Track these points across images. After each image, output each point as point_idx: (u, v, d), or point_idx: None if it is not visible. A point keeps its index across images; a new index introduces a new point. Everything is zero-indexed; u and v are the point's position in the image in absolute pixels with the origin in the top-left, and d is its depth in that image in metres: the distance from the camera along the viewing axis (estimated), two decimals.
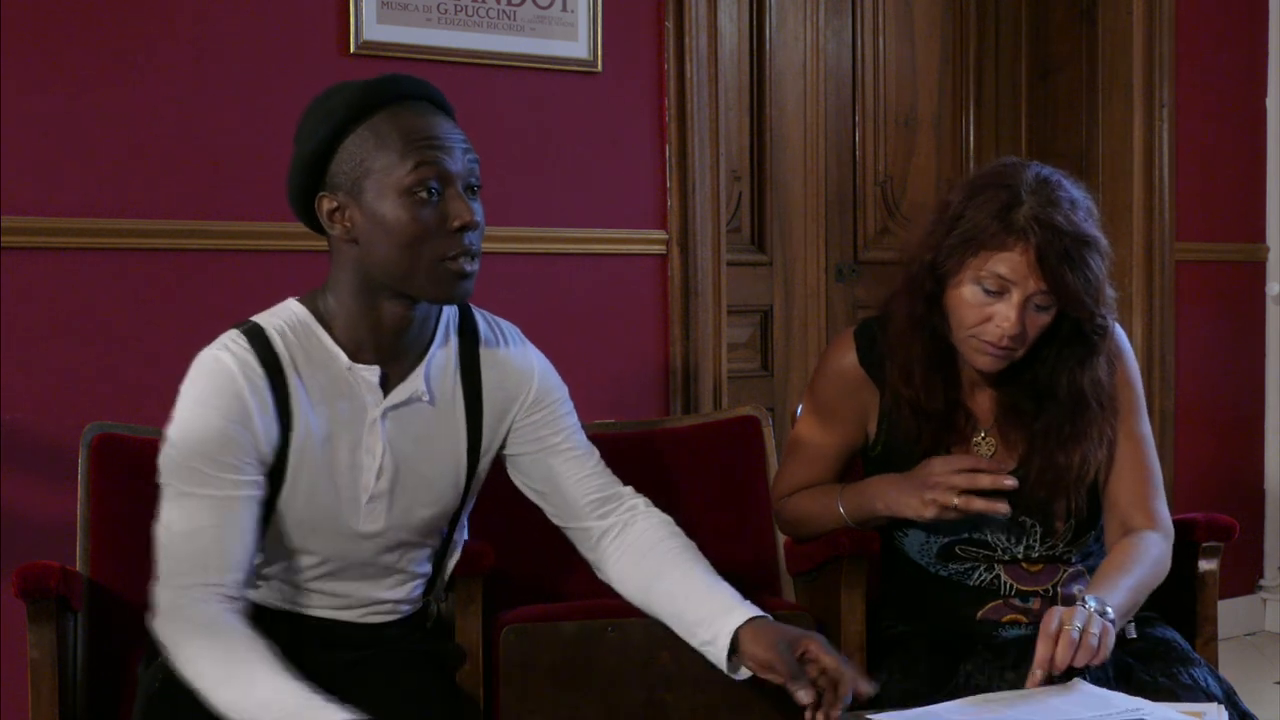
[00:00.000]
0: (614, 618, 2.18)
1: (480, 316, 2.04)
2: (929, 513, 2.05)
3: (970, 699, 1.85)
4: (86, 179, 2.75)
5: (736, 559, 2.53)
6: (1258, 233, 4.37)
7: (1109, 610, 1.89)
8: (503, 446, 2.05)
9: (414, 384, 1.93)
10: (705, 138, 3.35)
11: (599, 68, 3.24)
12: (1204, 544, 2.27)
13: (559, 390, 2.06)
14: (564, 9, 3.18)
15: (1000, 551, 2.13)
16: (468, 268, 1.85)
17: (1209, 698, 1.96)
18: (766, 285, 3.88)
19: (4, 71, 2.68)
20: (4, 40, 2.67)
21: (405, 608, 2.04)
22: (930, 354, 2.09)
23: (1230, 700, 2.00)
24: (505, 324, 2.06)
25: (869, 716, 1.79)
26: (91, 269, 2.76)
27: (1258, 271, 4.37)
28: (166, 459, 1.83)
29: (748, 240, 3.86)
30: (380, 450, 1.91)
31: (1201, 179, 4.19)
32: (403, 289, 1.87)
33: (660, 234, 3.33)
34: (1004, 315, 2.00)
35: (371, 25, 2.97)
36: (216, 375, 1.82)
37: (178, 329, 2.80)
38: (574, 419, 2.08)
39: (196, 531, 1.79)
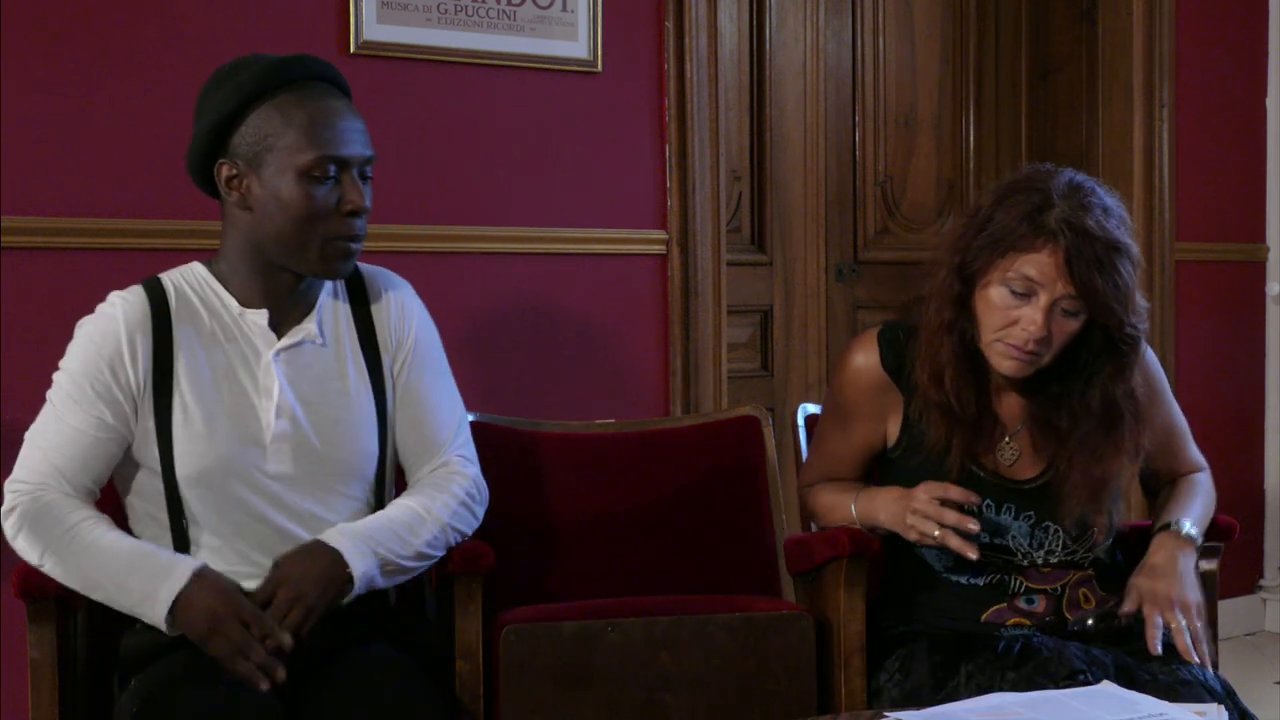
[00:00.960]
0: (614, 618, 2.18)
1: (363, 267, 2.14)
2: (911, 536, 2.08)
3: (989, 697, 1.85)
4: (86, 179, 2.75)
5: (736, 559, 2.53)
6: (1258, 233, 4.37)
7: (1194, 531, 2.14)
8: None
9: (306, 328, 2.04)
10: (705, 138, 3.35)
11: (599, 68, 3.23)
12: (1204, 544, 2.28)
13: (434, 339, 2.16)
14: (564, 9, 3.18)
15: (1020, 557, 2.14)
16: (354, 247, 2.00)
17: (1210, 695, 1.96)
18: (766, 285, 3.88)
19: (4, 71, 2.68)
20: (4, 40, 2.67)
21: None
22: (960, 357, 2.09)
23: (1230, 699, 2.00)
24: (387, 272, 2.17)
25: (887, 714, 1.79)
26: (91, 269, 2.76)
27: (1258, 271, 4.37)
28: (55, 378, 2.01)
29: (748, 240, 3.86)
30: (276, 390, 1.99)
31: (1201, 179, 4.19)
32: (288, 263, 2.00)
33: (660, 234, 3.33)
34: (1030, 318, 2.00)
35: (371, 25, 2.97)
36: (101, 318, 2.01)
37: None
38: (442, 370, 2.16)
39: (47, 444, 1.97)
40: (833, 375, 2.29)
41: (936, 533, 2.04)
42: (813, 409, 2.49)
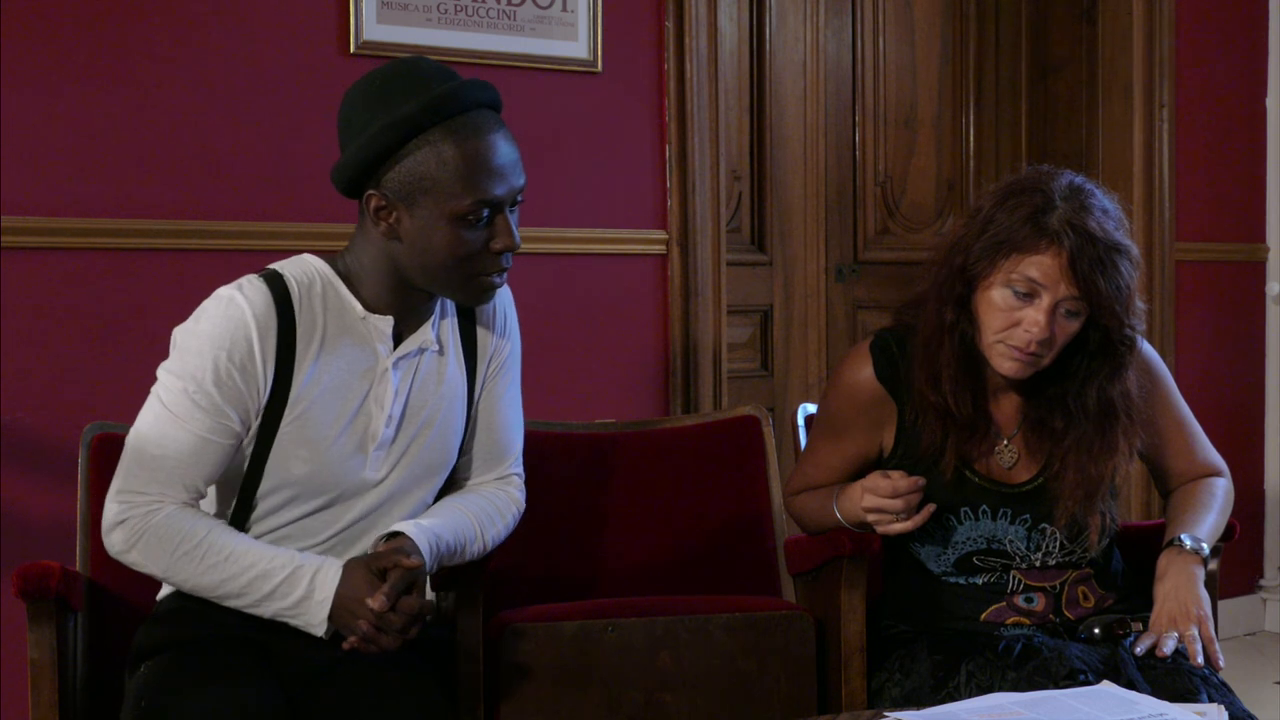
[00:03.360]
0: (614, 618, 2.18)
1: None
2: (881, 530, 2.10)
3: (989, 697, 1.85)
4: (86, 179, 2.75)
5: (736, 559, 2.53)
6: (1258, 233, 4.37)
7: (1204, 546, 2.10)
8: None
9: (423, 335, 2.00)
10: (705, 138, 3.35)
11: (599, 68, 3.24)
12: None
13: (519, 352, 2.15)
14: (564, 9, 3.18)
15: (1019, 560, 2.14)
16: (498, 281, 1.96)
17: (1209, 696, 1.97)
18: (766, 285, 3.88)
19: (4, 71, 2.68)
20: (4, 40, 2.67)
21: None
22: (959, 359, 2.09)
23: (1230, 700, 2.00)
24: None
25: (887, 714, 1.79)
26: (91, 269, 2.76)
27: (1258, 271, 4.37)
28: (165, 374, 1.90)
29: (748, 240, 3.86)
30: (390, 399, 1.96)
31: (1201, 179, 4.19)
32: (430, 290, 1.96)
33: (660, 234, 3.33)
34: (1033, 320, 2.00)
35: (371, 25, 2.97)
36: (229, 316, 1.87)
37: None
38: (518, 387, 2.15)
39: (164, 453, 1.87)
40: (827, 388, 2.29)
41: (896, 527, 2.07)
42: (813, 409, 2.49)
